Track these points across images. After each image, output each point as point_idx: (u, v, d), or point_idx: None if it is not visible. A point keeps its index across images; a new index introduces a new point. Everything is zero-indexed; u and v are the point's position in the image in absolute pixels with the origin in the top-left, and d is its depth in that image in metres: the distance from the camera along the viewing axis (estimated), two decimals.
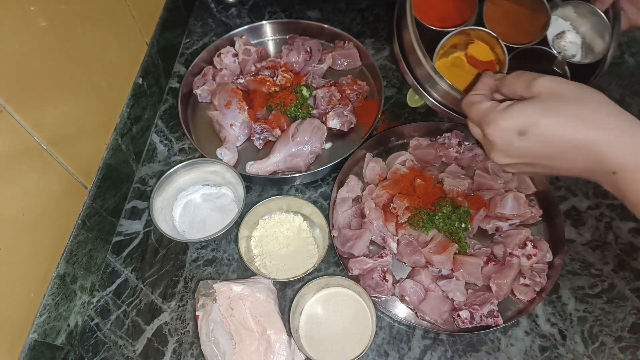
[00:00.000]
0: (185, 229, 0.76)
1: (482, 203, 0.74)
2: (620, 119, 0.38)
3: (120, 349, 0.67)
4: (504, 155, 0.43)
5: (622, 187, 0.38)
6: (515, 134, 0.40)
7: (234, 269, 0.73)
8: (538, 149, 0.40)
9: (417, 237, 0.72)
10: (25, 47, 0.54)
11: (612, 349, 0.66)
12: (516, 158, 0.43)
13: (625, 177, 0.37)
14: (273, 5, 1.06)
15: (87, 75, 0.68)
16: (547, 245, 0.70)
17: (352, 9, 1.06)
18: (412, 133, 0.84)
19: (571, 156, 0.39)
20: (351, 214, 0.75)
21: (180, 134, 0.87)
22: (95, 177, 0.70)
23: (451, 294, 0.67)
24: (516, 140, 0.41)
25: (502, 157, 0.44)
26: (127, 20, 0.79)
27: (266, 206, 0.75)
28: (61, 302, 0.63)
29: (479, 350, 0.66)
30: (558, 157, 0.40)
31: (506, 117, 0.41)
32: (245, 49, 0.92)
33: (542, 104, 0.39)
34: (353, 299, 0.68)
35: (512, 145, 0.41)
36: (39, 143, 0.58)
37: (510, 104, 0.42)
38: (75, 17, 0.63)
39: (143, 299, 0.71)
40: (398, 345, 0.67)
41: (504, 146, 0.42)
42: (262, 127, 0.82)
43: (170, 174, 0.75)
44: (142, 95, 0.83)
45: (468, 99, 0.47)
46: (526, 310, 0.67)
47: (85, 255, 0.68)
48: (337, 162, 0.78)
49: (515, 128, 0.40)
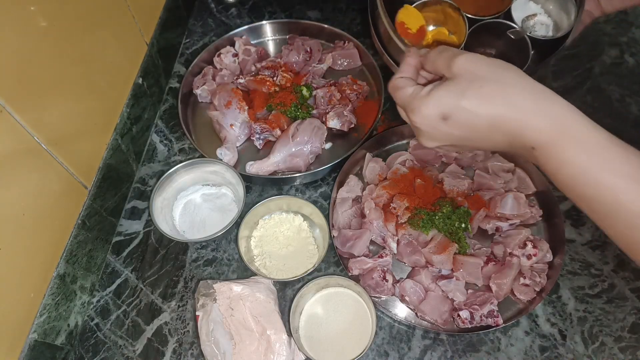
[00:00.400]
0: (185, 229, 0.76)
1: (482, 203, 0.74)
2: (535, 97, 0.39)
3: (120, 349, 0.67)
4: (430, 139, 0.45)
5: (540, 162, 0.40)
6: (439, 120, 0.41)
7: (234, 269, 0.73)
8: (461, 131, 0.42)
9: (417, 237, 0.72)
10: (25, 47, 0.54)
11: (612, 349, 0.66)
12: (443, 141, 0.44)
13: (543, 153, 0.38)
14: (273, 5, 1.06)
15: (87, 76, 0.68)
16: (547, 245, 0.70)
17: (352, 9, 1.06)
18: (412, 133, 0.84)
19: (493, 136, 0.41)
20: (351, 214, 0.75)
21: (180, 134, 0.87)
22: (95, 177, 0.70)
23: (451, 294, 0.67)
24: (440, 125, 0.42)
25: (429, 141, 0.45)
26: (127, 20, 0.79)
27: (266, 206, 0.75)
28: (61, 302, 0.63)
29: (479, 350, 0.66)
30: (481, 137, 0.42)
31: (427, 104, 0.42)
32: (245, 49, 0.92)
33: (460, 87, 0.40)
34: (353, 299, 0.68)
35: (437, 130, 0.43)
36: (39, 143, 0.58)
37: (431, 88, 0.43)
38: (75, 17, 0.63)
39: (143, 299, 0.71)
40: (398, 345, 0.67)
41: (429, 132, 0.43)
42: (262, 127, 0.82)
43: (170, 174, 0.75)
44: (142, 95, 0.83)
45: (392, 83, 0.48)
46: (526, 310, 0.67)
47: (85, 255, 0.68)
48: (337, 162, 0.78)
49: (438, 114, 0.41)
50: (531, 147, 0.39)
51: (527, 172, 0.78)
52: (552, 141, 0.37)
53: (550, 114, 0.38)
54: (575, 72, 0.94)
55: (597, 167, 0.36)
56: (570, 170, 0.37)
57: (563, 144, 0.37)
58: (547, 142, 0.38)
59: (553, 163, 0.38)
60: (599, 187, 0.36)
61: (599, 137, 0.37)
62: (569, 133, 0.37)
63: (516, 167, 0.79)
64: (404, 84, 0.46)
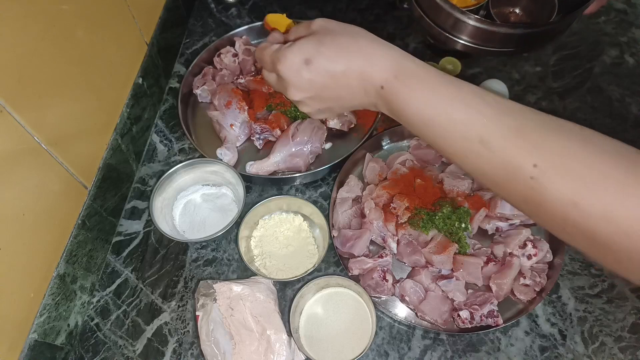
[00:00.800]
0: (185, 229, 0.76)
1: (482, 203, 0.74)
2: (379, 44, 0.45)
3: (120, 349, 0.67)
4: (296, 89, 0.48)
5: (389, 100, 0.45)
6: (303, 64, 0.46)
7: (234, 269, 0.73)
8: (322, 79, 0.46)
9: (417, 237, 0.72)
10: (25, 47, 0.54)
11: (612, 349, 0.66)
12: (307, 91, 0.48)
13: (389, 89, 0.44)
14: (273, 5, 1.06)
15: (87, 75, 0.68)
16: (547, 245, 0.70)
17: (352, 9, 1.06)
18: (412, 134, 0.84)
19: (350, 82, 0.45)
20: (351, 214, 0.75)
21: (180, 134, 0.87)
22: (95, 177, 0.70)
23: (451, 294, 0.67)
24: (304, 70, 0.46)
25: (295, 92, 0.48)
26: (127, 20, 0.79)
27: (266, 206, 0.75)
28: (61, 302, 0.63)
29: (479, 350, 0.66)
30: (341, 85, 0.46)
31: (292, 50, 0.46)
32: (245, 49, 0.92)
33: (318, 38, 0.46)
34: (353, 299, 0.68)
35: (301, 77, 0.47)
36: (39, 143, 0.58)
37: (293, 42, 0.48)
38: (75, 17, 0.63)
39: (143, 299, 0.71)
40: (398, 345, 0.67)
41: (294, 79, 0.47)
42: (262, 127, 0.82)
43: (170, 174, 0.75)
44: (142, 95, 0.83)
45: (260, 47, 0.53)
46: (526, 310, 0.67)
47: (85, 255, 0.68)
48: (337, 162, 0.78)
49: (302, 58, 0.46)
50: (380, 87, 0.44)
51: None
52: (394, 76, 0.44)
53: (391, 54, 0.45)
54: (575, 72, 0.94)
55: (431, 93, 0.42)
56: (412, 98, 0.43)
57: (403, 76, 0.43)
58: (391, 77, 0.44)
59: (400, 96, 0.44)
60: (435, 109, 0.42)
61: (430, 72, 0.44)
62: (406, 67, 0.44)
63: None
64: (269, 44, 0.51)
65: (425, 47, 0.98)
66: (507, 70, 0.95)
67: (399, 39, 1.00)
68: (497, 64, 0.95)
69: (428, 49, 0.97)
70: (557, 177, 0.36)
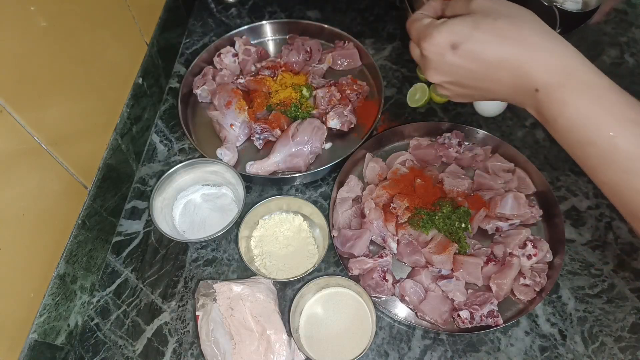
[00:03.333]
0: (185, 229, 0.76)
1: (482, 203, 0.74)
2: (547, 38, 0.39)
3: (120, 349, 0.67)
4: (437, 72, 0.45)
5: (542, 106, 0.39)
6: (448, 48, 0.42)
7: (234, 269, 0.73)
8: (468, 64, 0.42)
9: (417, 237, 0.72)
10: (25, 47, 0.54)
11: (612, 349, 0.66)
12: (448, 75, 0.44)
13: (546, 94, 0.38)
14: (273, 5, 1.06)
15: (87, 75, 0.68)
16: (547, 245, 0.70)
17: (352, 9, 1.06)
18: (412, 133, 0.84)
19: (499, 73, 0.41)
20: (351, 214, 0.75)
21: (180, 134, 0.87)
22: (95, 177, 0.70)
23: (451, 294, 0.67)
24: (448, 54, 0.42)
25: (435, 74, 0.45)
26: (127, 20, 0.79)
27: (266, 206, 0.75)
28: (61, 302, 0.63)
29: (479, 350, 0.66)
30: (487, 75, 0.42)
31: (441, 30, 0.42)
32: (245, 49, 0.92)
33: (474, 19, 0.41)
34: (353, 299, 0.68)
35: (444, 60, 0.43)
36: (39, 143, 0.58)
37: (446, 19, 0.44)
38: (75, 17, 0.63)
39: (143, 299, 0.71)
40: (398, 345, 0.67)
41: (437, 61, 0.44)
42: (262, 127, 0.82)
43: (170, 174, 0.75)
44: (142, 95, 0.83)
45: (412, 17, 0.48)
46: (526, 310, 0.67)
47: (85, 255, 0.68)
48: (337, 162, 0.78)
49: (449, 41, 0.42)
50: (535, 90, 0.39)
51: (527, 172, 0.78)
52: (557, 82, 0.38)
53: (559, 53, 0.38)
54: None
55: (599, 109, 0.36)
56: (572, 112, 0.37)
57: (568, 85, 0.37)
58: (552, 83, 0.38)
59: (555, 106, 0.38)
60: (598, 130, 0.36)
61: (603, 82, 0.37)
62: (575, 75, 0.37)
63: (516, 167, 0.79)
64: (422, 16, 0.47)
65: None
66: None
67: (399, 39, 1.00)
68: None
69: None
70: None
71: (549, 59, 0.38)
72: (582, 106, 0.37)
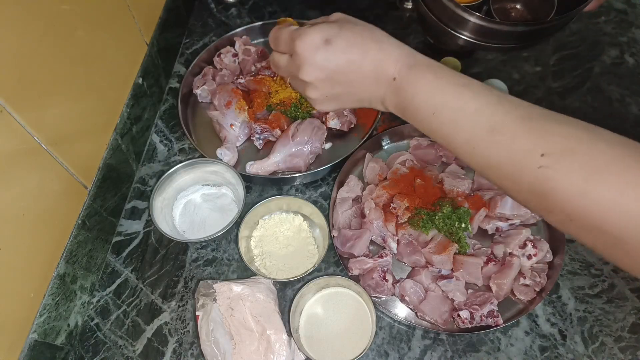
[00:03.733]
0: (185, 229, 0.76)
1: (482, 203, 0.74)
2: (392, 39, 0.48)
3: (120, 349, 0.67)
4: (312, 67, 0.48)
5: (400, 90, 0.46)
6: (322, 43, 0.47)
7: (234, 269, 0.73)
8: (339, 56, 0.47)
9: (417, 237, 0.72)
10: (25, 47, 0.54)
11: (612, 349, 0.66)
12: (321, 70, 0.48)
13: (401, 79, 0.46)
14: (273, 5, 1.06)
15: (87, 75, 0.68)
16: (547, 245, 0.70)
17: (353, 8, 1.05)
18: (412, 133, 0.84)
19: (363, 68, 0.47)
20: (351, 214, 0.75)
21: (180, 134, 0.87)
22: (95, 177, 0.70)
23: (451, 294, 0.67)
24: (322, 49, 0.47)
25: (309, 71, 0.48)
26: (127, 20, 0.79)
27: (266, 206, 0.75)
28: (61, 302, 0.63)
29: (479, 350, 0.66)
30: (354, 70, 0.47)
31: (314, 29, 0.47)
32: (245, 49, 0.92)
33: (339, 23, 0.49)
34: (353, 299, 0.68)
35: (318, 55, 0.47)
36: (39, 143, 0.58)
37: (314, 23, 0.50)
38: (75, 17, 0.63)
39: (143, 299, 0.71)
40: (398, 345, 0.67)
41: (311, 57, 0.47)
42: (262, 127, 0.82)
43: (170, 174, 0.75)
44: (142, 95, 0.83)
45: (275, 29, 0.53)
46: (526, 310, 0.67)
47: (85, 255, 0.68)
48: (337, 162, 0.78)
49: (322, 37, 0.47)
50: (393, 78, 0.46)
51: None
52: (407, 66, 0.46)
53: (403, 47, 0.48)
54: (575, 72, 0.94)
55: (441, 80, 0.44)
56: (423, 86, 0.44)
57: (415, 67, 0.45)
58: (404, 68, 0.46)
59: (410, 87, 0.45)
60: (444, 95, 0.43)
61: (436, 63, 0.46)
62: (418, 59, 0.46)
63: None
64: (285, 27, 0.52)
65: (426, 47, 0.97)
66: (507, 70, 0.95)
67: (399, 39, 1.00)
68: (497, 64, 0.95)
69: (428, 49, 0.97)
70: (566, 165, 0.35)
71: (398, 52, 0.47)
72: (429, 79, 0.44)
